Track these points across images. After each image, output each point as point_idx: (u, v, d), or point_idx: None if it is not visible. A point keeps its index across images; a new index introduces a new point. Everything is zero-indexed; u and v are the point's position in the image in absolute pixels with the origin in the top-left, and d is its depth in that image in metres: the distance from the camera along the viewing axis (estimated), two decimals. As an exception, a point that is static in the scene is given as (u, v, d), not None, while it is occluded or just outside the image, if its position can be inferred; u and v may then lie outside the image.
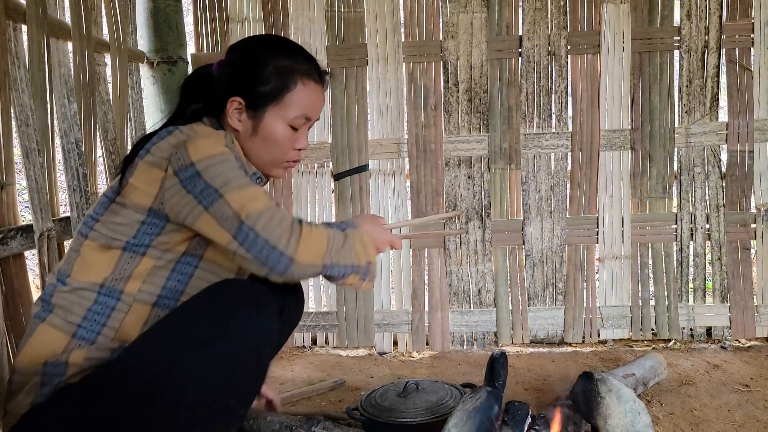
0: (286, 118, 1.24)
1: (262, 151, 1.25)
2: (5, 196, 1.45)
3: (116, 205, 1.13)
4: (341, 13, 2.27)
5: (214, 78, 1.27)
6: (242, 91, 1.22)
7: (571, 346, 2.30)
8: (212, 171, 1.07)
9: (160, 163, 1.10)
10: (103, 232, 1.12)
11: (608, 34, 2.24)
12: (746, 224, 2.27)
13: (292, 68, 1.24)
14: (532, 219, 2.30)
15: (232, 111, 1.23)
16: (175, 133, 1.14)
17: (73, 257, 1.14)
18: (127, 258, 1.12)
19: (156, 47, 2.28)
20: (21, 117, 1.46)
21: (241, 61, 1.25)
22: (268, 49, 1.26)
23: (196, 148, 1.09)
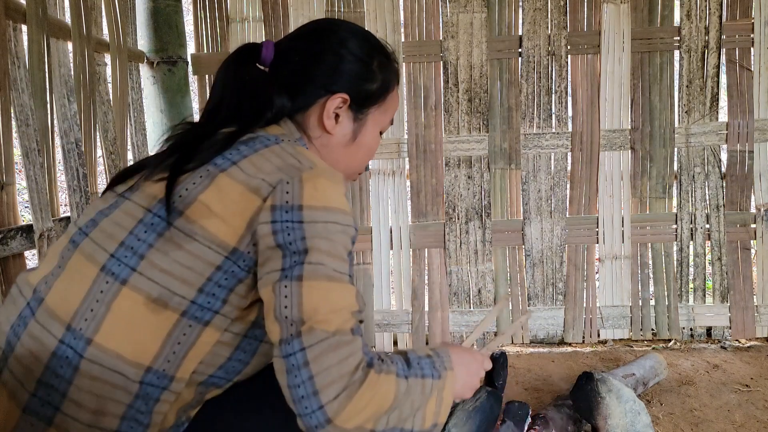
0: (383, 123, 1.04)
1: (351, 160, 1.03)
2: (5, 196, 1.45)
3: (175, 231, 0.78)
4: (341, 13, 2.27)
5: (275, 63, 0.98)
6: (347, 86, 0.97)
7: (571, 346, 2.30)
8: (320, 230, 0.77)
9: (256, 185, 0.79)
10: (155, 278, 0.77)
11: (608, 34, 2.24)
12: (746, 224, 2.27)
13: (391, 66, 1.04)
14: (532, 219, 2.30)
15: (332, 111, 0.96)
16: (278, 150, 0.84)
17: (97, 312, 0.77)
18: (184, 327, 0.78)
19: (156, 47, 2.28)
20: (21, 117, 1.46)
21: (339, 49, 0.98)
22: (366, 39, 1.02)
23: (316, 188, 0.79)
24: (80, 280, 0.79)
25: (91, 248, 0.81)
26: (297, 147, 0.88)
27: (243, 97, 0.94)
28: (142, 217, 0.81)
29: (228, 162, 0.82)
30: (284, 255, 0.76)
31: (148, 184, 0.84)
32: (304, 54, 0.98)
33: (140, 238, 0.79)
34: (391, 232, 2.31)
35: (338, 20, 1.06)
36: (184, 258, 0.77)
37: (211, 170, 0.81)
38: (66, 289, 0.80)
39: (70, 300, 0.79)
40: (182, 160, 0.84)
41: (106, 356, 0.76)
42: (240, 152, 0.84)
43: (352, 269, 0.83)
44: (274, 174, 0.80)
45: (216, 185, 0.80)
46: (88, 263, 0.80)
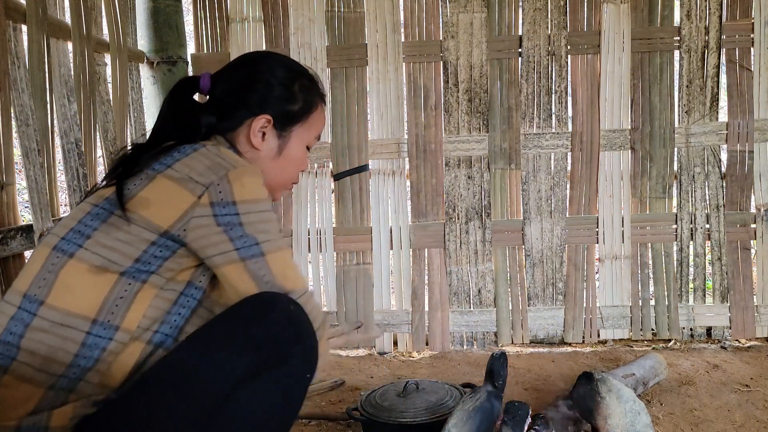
0: (307, 139, 1.20)
1: (279, 173, 1.19)
2: (5, 196, 1.45)
3: (117, 219, 0.95)
4: (341, 13, 2.27)
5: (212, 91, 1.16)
6: (270, 108, 1.14)
7: (571, 346, 2.30)
8: (254, 219, 0.97)
9: (190, 185, 0.96)
10: (97, 251, 0.94)
11: (608, 34, 2.24)
12: (746, 224, 2.27)
13: (313, 88, 1.20)
14: (532, 219, 2.30)
15: (257, 130, 1.13)
16: (205, 152, 1.01)
17: (48, 280, 0.93)
18: (124, 284, 0.94)
19: (156, 47, 2.28)
20: (21, 117, 1.46)
21: (263, 76, 1.15)
22: (288, 66, 1.20)
23: (242, 185, 0.98)
24: (37, 260, 0.97)
25: (49, 238, 0.99)
26: (221, 149, 1.04)
27: (179, 121, 1.12)
28: (89, 210, 0.99)
29: (164, 166, 0.99)
30: (232, 239, 0.96)
31: (100, 189, 1.02)
32: (232, 81, 1.16)
33: (87, 224, 0.97)
34: (391, 232, 2.31)
35: (266, 52, 1.29)
36: (123, 236, 0.95)
37: (150, 173, 0.98)
38: (26, 271, 0.97)
39: (26, 275, 0.96)
40: (129, 167, 1.01)
41: (56, 313, 0.92)
42: (173, 157, 1.00)
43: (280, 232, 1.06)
44: (204, 174, 0.97)
45: (153, 183, 0.97)
46: (44, 248, 0.98)
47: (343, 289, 2.32)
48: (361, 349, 2.33)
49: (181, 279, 0.99)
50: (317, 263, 2.32)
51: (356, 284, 2.32)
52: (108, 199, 0.98)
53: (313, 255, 2.31)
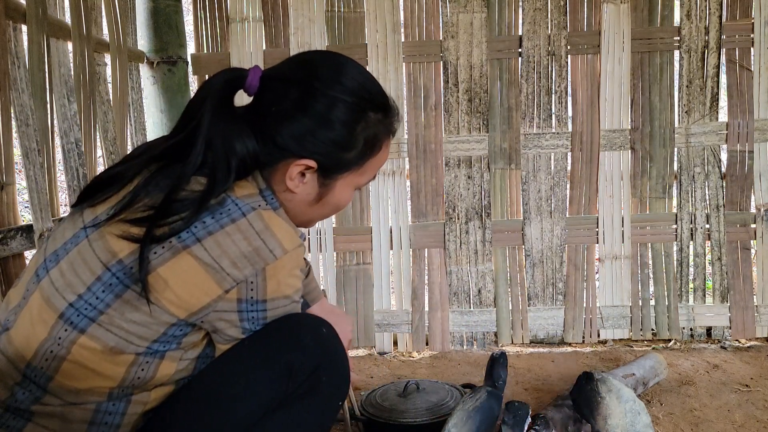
0: (358, 183, 1.01)
1: (315, 215, 1.03)
2: (5, 196, 1.45)
3: (133, 295, 0.83)
4: (341, 13, 2.27)
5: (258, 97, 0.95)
6: (318, 151, 0.93)
7: (571, 346, 2.30)
8: (280, 312, 0.90)
9: (219, 276, 0.83)
10: (111, 330, 0.84)
11: (608, 34, 2.24)
12: (746, 224, 2.27)
13: (380, 126, 0.98)
14: (532, 219, 2.30)
15: (295, 173, 0.94)
16: (244, 227, 0.84)
17: (57, 354, 0.84)
18: (142, 363, 0.86)
19: (156, 47, 2.28)
20: (21, 117, 1.46)
21: (322, 107, 0.92)
22: (360, 95, 0.95)
23: (278, 282, 0.87)
24: (41, 324, 0.85)
25: (50, 291, 0.86)
26: (264, 217, 0.86)
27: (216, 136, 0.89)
28: (100, 274, 0.84)
29: (192, 237, 0.83)
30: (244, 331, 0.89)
31: (111, 229, 0.85)
32: (283, 100, 0.93)
33: (98, 296, 0.84)
34: (391, 232, 2.31)
35: (336, 63, 0.97)
36: (139, 318, 0.84)
37: (175, 244, 0.83)
38: (28, 330, 0.86)
39: (31, 341, 0.85)
40: (152, 223, 0.83)
41: (67, 392, 0.85)
42: (205, 226, 0.83)
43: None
44: (238, 264, 0.83)
45: (178, 261, 0.83)
46: (48, 308, 0.86)
47: (343, 289, 2.32)
48: (361, 349, 2.33)
49: (202, 344, 0.92)
50: (317, 263, 2.32)
51: (356, 284, 2.32)
52: (121, 264, 0.84)
53: (313, 255, 2.31)
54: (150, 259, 0.82)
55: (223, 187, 0.86)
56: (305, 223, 1.04)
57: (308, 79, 0.93)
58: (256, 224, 0.85)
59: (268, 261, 0.84)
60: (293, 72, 0.95)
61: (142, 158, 0.93)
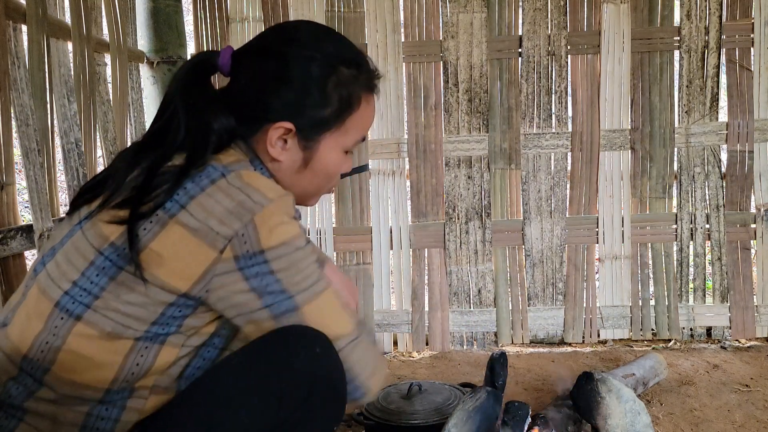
0: (344, 144, 0.98)
1: (307, 185, 0.99)
2: (5, 196, 1.45)
3: (128, 276, 0.81)
4: (341, 13, 2.27)
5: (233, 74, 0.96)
6: (292, 114, 0.92)
7: (571, 346, 2.30)
8: (285, 264, 0.83)
9: (210, 237, 0.80)
10: (107, 315, 0.81)
11: (608, 34, 2.24)
12: (746, 224, 2.27)
13: (356, 81, 0.96)
14: (532, 219, 2.30)
15: (275, 139, 0.93)
16: (224, 186, 0.83)
17: (52, 345, 0.81)
18: (140, 350, 0.83)
19: (156, 47, 2.28)
20: (21, 117, 1.46)
21: (288, 69, 0.92)
22: (325, 52, 0.94)
23: (269, 229, 0.82)
24: (36, 316, 0.84)
25: (46, 283, 0.85)
26: (243, 175, 0.85)
27: (190, 119, 0.90)
28: (93, 259, 0.83)
29: (176, 205, 0.81)
30: (261, 295, 0.83)
31: (101, 216, 0.85)
32: (256, 73, 0.94)
33: (92, 281, 0.82)
34: (391, 232, 2.31)
35: (304, 28, 0.98)
36: (135, 299, 0.81)
37: (161, 215, 0.81)
38: (25, 324, 0.85)
39: (27, 334, 0.83)
40: (137, 201, 0.82)
41: (64, 384, 0.82)
42: (187, 192, 0.82)
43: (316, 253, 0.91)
44: (226, 220, 0.81)
45: (167, 233, 0.81)
46: (43, 299, 0.84)
47: (343, 289, 2.32)
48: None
49: (205, 332, 0.88)
50: (317, 263, 2.32)
51: (356, 284, 2.32)
52: (113, 246, 0.82)
53: (313, 255, 2.31)
54: (140, 237, 0.80)
55: (202, 158, 0.86)
56: (301, 197, 1.01)
57: (274, 44, 0.95)
58: (235, 182, 0.84)
59: (255, 211, 0.82)
60: (258, 41, 0.99)
61: (128, 154, 0.93)
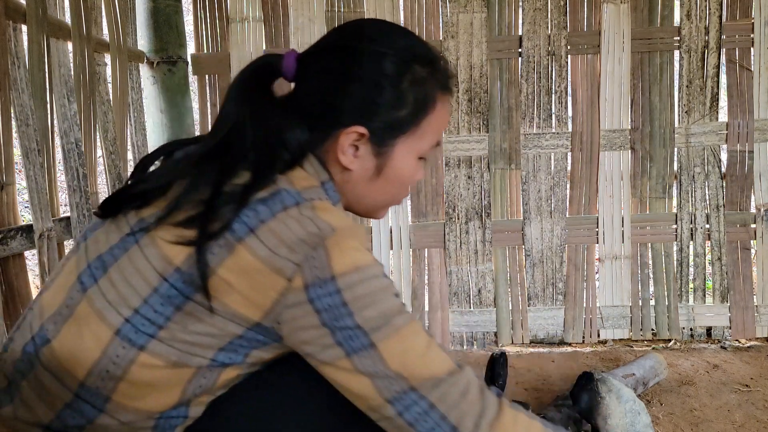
0: (420, 150, 0.90)
1: (379, 195, 0.91)
2: (5, 196, 1.45)
3: (196, 306, 0.76)
4: (341, 13, 2.27)
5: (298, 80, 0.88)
6: (363, 116, 0.85)
7: (571, 346, 2.30)
8: (360, 293, 0.75)
9: (279, 263, 0.74)
10: (173, 345, 0.76)
11: (608, 34, 2.24)
12: (746, 224, 2.27)
13: (431, 80, 0.89)
14: (532, 219, 2.30)
15: (347, 146, 0.85)
16: (296, 214, 0.76)
17: (113, 373, 0.77)
18: (205, 373, 0.79)
19: (156, 47, 2.28)
20: (21, 117, 1.46)
21: (359, 66, 0.85)
22: (398, 47, 0.86)
23: (341, 252, 0.75)
24: (93, 340, 0.77)
25: (101, 304, 0.78)
26: (317, 206, 0.78)
27: (257, 128, 0.82)
28: (157, 285, 0.76)
29: (245, 228, 0.75)
30: (334, 331, 0.75)
31: (163, 234, 0.78)
32: (324, 75, 0.86)
33: (156, 309, 0.76)
34: (391, 232, 2.31)
35: (368, 22, 0.92)
36: (203, 329, 0.76)
37: (229, 238, 0.75)
38: (77, 345, 0.78)
39: (82, 359, 0.77)
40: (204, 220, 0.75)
41: (124, 412, 0.78)
42: (258, 215, 0.75)
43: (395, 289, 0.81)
44: (296, 247, 0.74)
45: (235, 258, 0.74)
46: (100, 323, 0.78)
47: (343, 289, 2.32)
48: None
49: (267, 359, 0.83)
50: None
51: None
52: (179, 272, 0.76)
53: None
54: (208, 262, 0.74)
55: (270, 175, 0.80)
56: (372, 209, 0.94)
57: (342, 42, 0.88)
58: (307, 212, 0.77)
59: (326, 236, 0.75)
60: (325, 41, 0.90)
61: (184, 162, 0.86)
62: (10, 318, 1.44)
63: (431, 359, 0.77)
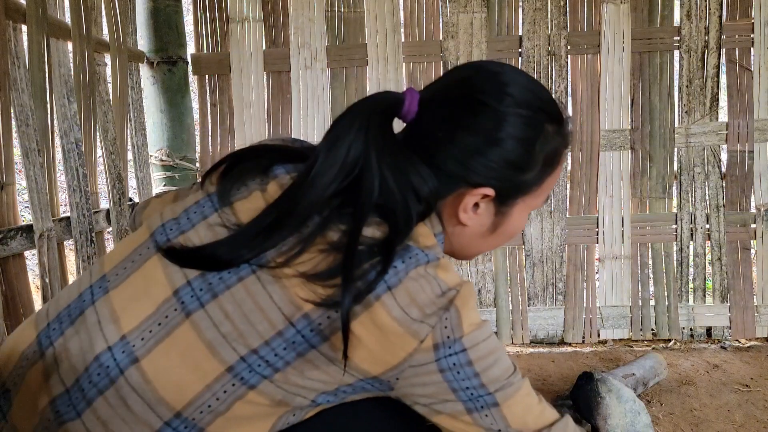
0: (534, 206, 0.88)
1: (484, 246, 0.90)
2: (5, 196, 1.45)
3: (317, 354, 0.73)
4: (341, 13, 2.27)
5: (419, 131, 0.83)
6: (494, 178, 0.81)
7: (571, 346, 2.30)
8: (483, 353, 0.75)
9: (414, 326, 0.72)
10: (284, 387, 0.74)
11: (608, 34, 2.24)
12: (746, 224, 2.27)
13: (558, 138, 0.85)
14: (532, 219, 2.30)
15: (470, 206, 0.83)
16: (424, 272, 0.74)
17: (215, 409, 0.73)
18: (299, 410, 0.78)
19: (156, 47, 2.28)
20: (21, 117, 1.46)
21: (499, 129, 0.80)
22: (535, 108, 0.82)
23: (468, 312, 0.75)
24: (198, 372, 0.73)
25: (212, 336, 0.73)
26: (441, 265, 0.77)
27: (387, 175, 0.77)
28: (282, 329, 0.72)
29: (384, 286, 0.72)
30: (455, 389, 0.75)
31: (293, 281, 0.73)
32: (447, 123, 0.81)
33: (278, 353, 0.72)
34: (391, 232, 2.30)
35: (507, 75, 0.83)
36: (320, 376, 0.74)
37: (371, 299, 0.72)
38: (177, 374, 0.73)
39: (182, 389, 0.73)
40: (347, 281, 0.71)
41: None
42: (396, 272, 0.73)
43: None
44: (429, 307, 0.72)
45: (370, 316, 0.71)
46: (211, 357, 0.73)
47: (343, 289, 2.32)
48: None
49: None
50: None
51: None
52: (308, 319, 0.72)
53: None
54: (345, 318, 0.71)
55: (409, 229, 0.77)
56: (469, 256, 0.93)
57: (472, 94, 0.81)
58: (432, 271, 0.75)
59: (453, 295, 0.74)
60: (452, 90, 0.84)
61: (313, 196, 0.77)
62: (10, 318, 1.44)
63: (545, 416, 0.81)
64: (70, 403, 0.74)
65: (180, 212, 0.83)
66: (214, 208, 0.81)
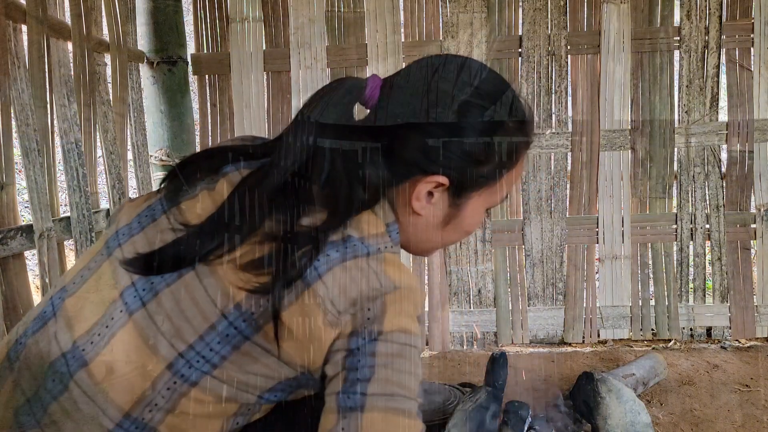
0: (491, 202, 0.87)
1: (437, 240, 0.89)
2: (5, 196, 1.45)
3: (253, 347, 0.74)
4: (341, 13, 2.27)
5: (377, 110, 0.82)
6: (449, 167, 0.80)
7: (571, 346, 2.30)
8: (392, 351, 0.73)
9: (337, 321, 0.72)
10: (226, 382, 0.75)
11: (608, 34, 2.24)
12: (746, 224, 2.27)
13: (519, 134, 0.84)
14: (532, 219, 2.30)
15: (423, 194, 0.82)
16: (363, 264, 0.74)
17: (161, 407, 0.74)
18: (247, 408, 0.79)
19: (156, 47, 2.28)
20: (21, 117, 1.46)
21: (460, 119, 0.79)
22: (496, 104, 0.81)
23: (397, 312, 0.73)
24: (141, 371, 0.74)
25: (151, 332, 0.74)
26: (387, 260, 0.76)
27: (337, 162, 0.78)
28: (215, 322, 0.73)
29: (314, 274, 0.72)
30: (345, 368, 0.72)
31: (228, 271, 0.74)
32: (407, 110, 0.80)
33: (213, 348, 0.73)
34: (391, 232, 2.30)
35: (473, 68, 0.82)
36: (258, 369, 0.75)
37: (299, 283, 0.72)
38: (122, 374, 0.74)
39: (128, 390, 0.74)
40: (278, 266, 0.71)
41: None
42: (329, 259, 0.73)
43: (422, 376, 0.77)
44: (357, 302, 0.72)
45: (300, 304, 0.71)
46: (151, 355, 0.74)
47: (343, 289, 2.31)
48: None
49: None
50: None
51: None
52: (239, 310, 0.73)
53: (313, 255, 2.31)
54: (279, 303, 0.71)
55: (347, 217, 0.76)
56: (428, 250, 0.91)
57: (435, 83, 0.81)
58: (375, 266, 0.74)
59: (387, 291, 0.73)
60: (416, 78, 0.83)
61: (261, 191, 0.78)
62: (10, 318, 1.44)
63: None
64: (31, 413, 0.75)
65: (133, 217, 0.84)
66: (163, 210, 0.82)
